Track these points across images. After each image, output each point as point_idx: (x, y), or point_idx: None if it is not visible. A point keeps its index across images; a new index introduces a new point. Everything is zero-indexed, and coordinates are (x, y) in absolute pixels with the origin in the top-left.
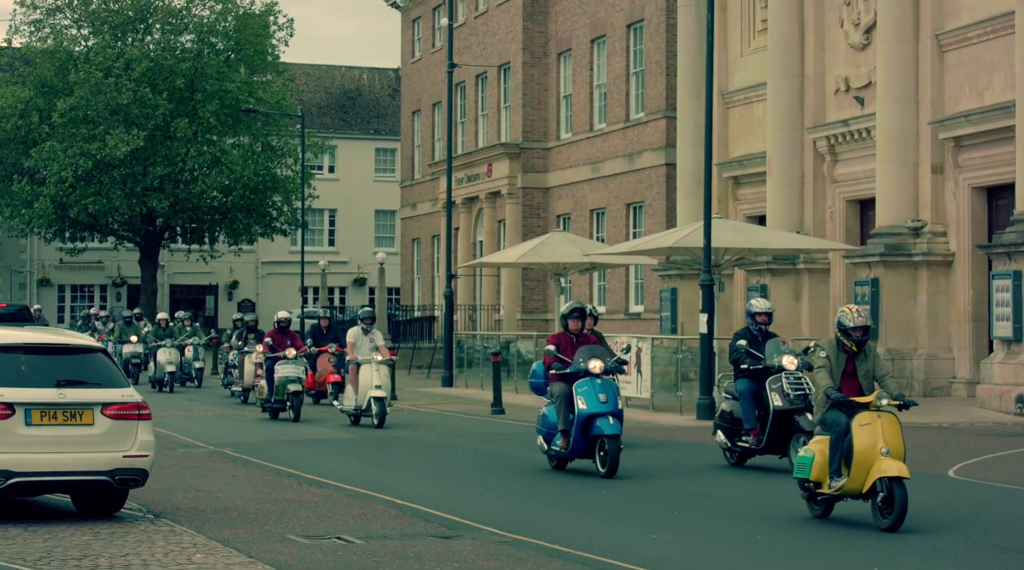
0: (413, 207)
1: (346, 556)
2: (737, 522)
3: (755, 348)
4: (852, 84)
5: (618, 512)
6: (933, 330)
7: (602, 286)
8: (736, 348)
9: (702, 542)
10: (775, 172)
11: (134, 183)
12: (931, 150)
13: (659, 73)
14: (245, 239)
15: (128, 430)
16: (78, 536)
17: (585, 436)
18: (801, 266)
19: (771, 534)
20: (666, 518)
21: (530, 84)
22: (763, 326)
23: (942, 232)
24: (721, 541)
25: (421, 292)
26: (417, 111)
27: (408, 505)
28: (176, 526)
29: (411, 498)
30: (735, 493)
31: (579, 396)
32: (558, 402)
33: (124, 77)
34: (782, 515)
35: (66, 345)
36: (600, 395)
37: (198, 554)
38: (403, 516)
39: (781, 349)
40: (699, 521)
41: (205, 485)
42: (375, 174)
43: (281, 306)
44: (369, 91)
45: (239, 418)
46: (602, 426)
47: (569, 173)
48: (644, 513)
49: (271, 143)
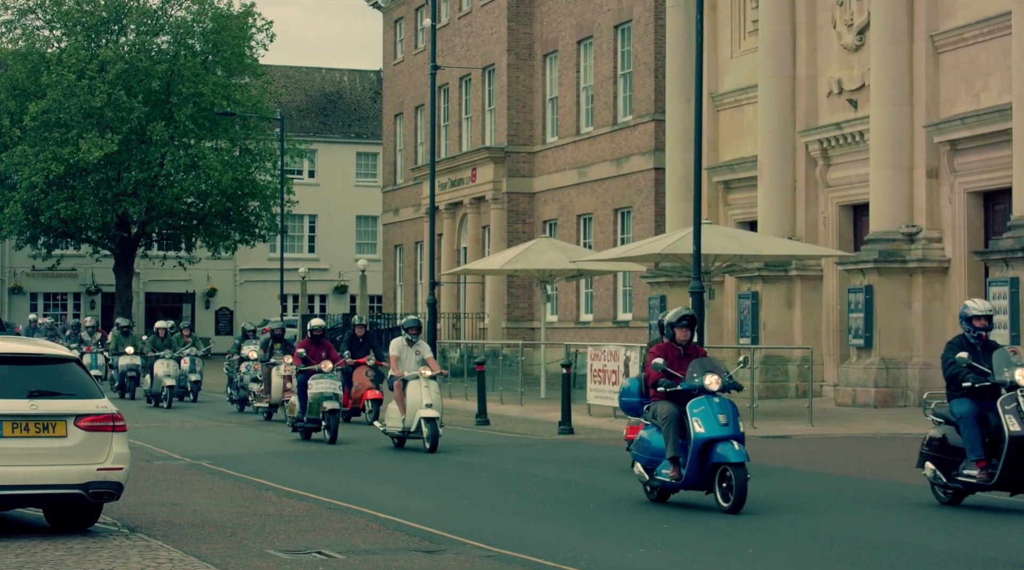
0: (395, 213)
1: None
2: (724, 537)
3: (976, 360)
4: (845, 86)
5: (609, 526)
6: (928, 338)
7: (589, 293)
8: (955, 361)
9: (692, 555)
10: (766, 176)
11: (108, 188)
12: (926, 154)
13: (647, 75)
14: (224, 246)
15: (102, 442)
16: (51, 551)
17: (703, 464)
18: (793, 273)
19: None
20: (655, 533)
21: (515, 86)
22: (983, 332)
23: (937, 238)
24: (715, 555)
25: (404, 300)
26: (399, 114)
27: (391, 519)
28: (152, 541)
29: (394, 512)
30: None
31: (695, 418)
32: (665, 424)
33: (98, 79)
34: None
35: (39, 355)
36: (720, 416)
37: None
38: (386, 530)
39: (1012, 361)
40: (691, 536)
41: (182, 499)
42: (356, 179)
43: (260, 314)
44: (350, 94)
45: (217, 429)
46: (725, 453)
47: (555, 177)
48: (634, 528)
49: (249, 147)
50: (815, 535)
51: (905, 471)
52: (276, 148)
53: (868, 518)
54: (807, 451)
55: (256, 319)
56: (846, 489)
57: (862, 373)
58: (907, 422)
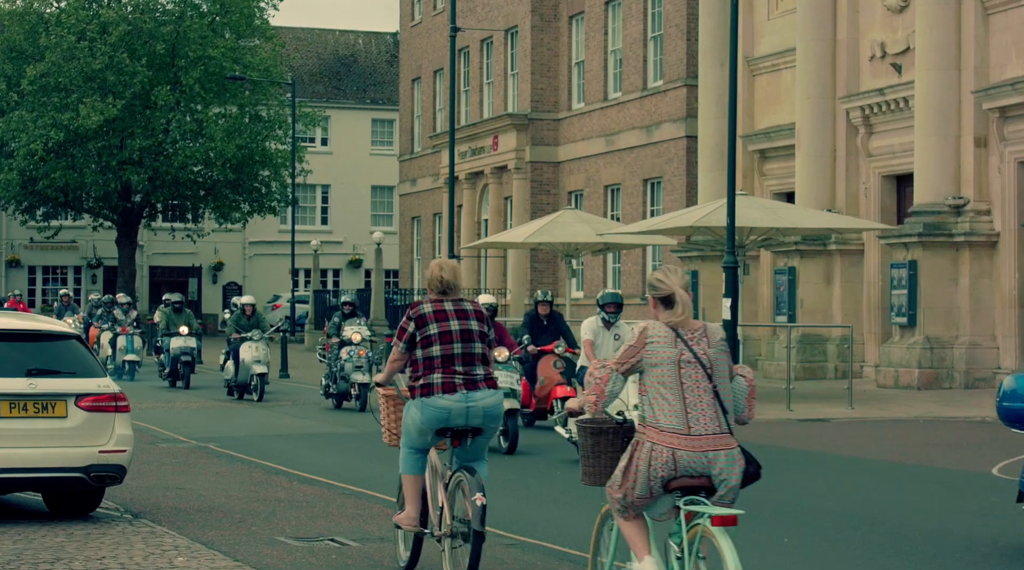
0: (412, 183)
1: (340, 559)
2: (764, 522)
3: None
4: (888, 50)
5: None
6: (976, 316)
7: (617, 269)
8: None
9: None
10: (805, 145)
11: (110, 156)
12: (974, 121)
13: (679, 38)
14: (234, 217)
15: (104, 423)
16: (50, 537)
17: None
18: (833, 247)
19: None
20: None
21: (539, 50)
22: None
23: (986, 210)
24: (748, 544)
25: (421, 275)
26: (417, 79)
27: None
28: (156, 527)
29: None
30: (759, 494)
31: None
32: None
33: (99, 41)
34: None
35: (37, 331)
36: None
37: (180, 557)
38: None
39: None
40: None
41: (188, 483)
42: (372, 147)
43: (270, 289)
44: (365, 57)
45: (224, 409)
46: None
47: (581, 146)
48: None
49: (259, 114)
50: (855, 524)
51: (951, 457)
52: (287, 114)
53: (907, 506)
54: (846, 435)
55: (266, 294)
56: (888, 474)
57: (905, 353)
58: (952, 405)
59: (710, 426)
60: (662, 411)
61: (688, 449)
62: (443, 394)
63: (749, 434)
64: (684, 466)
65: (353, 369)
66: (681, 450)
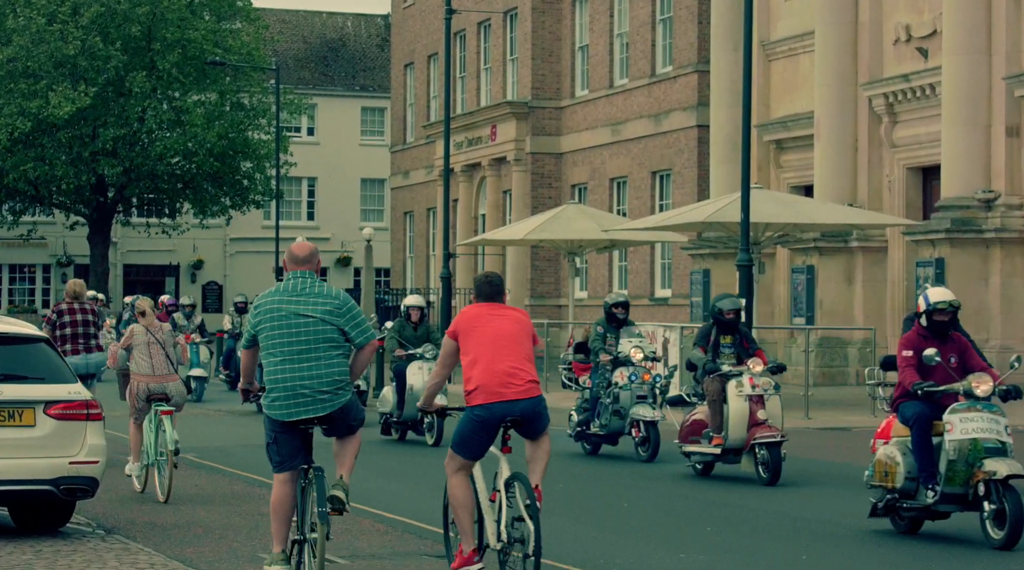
0: (405, 175)
1: None
2: (780, 538)
3: None
4: (914, 33)
5: (642, 528)
6: (1008, 318)
7: (623, 267)
8: None
9: (737, 562)
10: (824, 135)
11: (82, 147)
12: (1006, 109)
13: (690, 20)
14: (213, 212)
15: (75, 432)
16: (17, 554)
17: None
18: (854, 244)
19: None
20: (697, 535)
21: (540, 33)
22: None
23: (1018, 205)
24: (761, 560)
25: (414, 274)
26: (410, 64)
27: (400, 519)
28: (131, 543)
29: (403, 512)
30: (776, 507)
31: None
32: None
33: (71, 24)
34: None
35: (3, 334)
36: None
37: None
38: (394, 532)
39: None
40: (735, 538)
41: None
42: (361, 137)
43: (253, 289)
44: (355, 41)
45: (200, 417)
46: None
47: (585, 136)
48: (672, 529)
49: (242, 101)
50: (879, 542)
51: None
52: (271, 102)
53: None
54: (868, 445)
55: (249, 295)
56: None
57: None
58: None
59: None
60: None
61: None
62: None
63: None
64: None
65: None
66: None
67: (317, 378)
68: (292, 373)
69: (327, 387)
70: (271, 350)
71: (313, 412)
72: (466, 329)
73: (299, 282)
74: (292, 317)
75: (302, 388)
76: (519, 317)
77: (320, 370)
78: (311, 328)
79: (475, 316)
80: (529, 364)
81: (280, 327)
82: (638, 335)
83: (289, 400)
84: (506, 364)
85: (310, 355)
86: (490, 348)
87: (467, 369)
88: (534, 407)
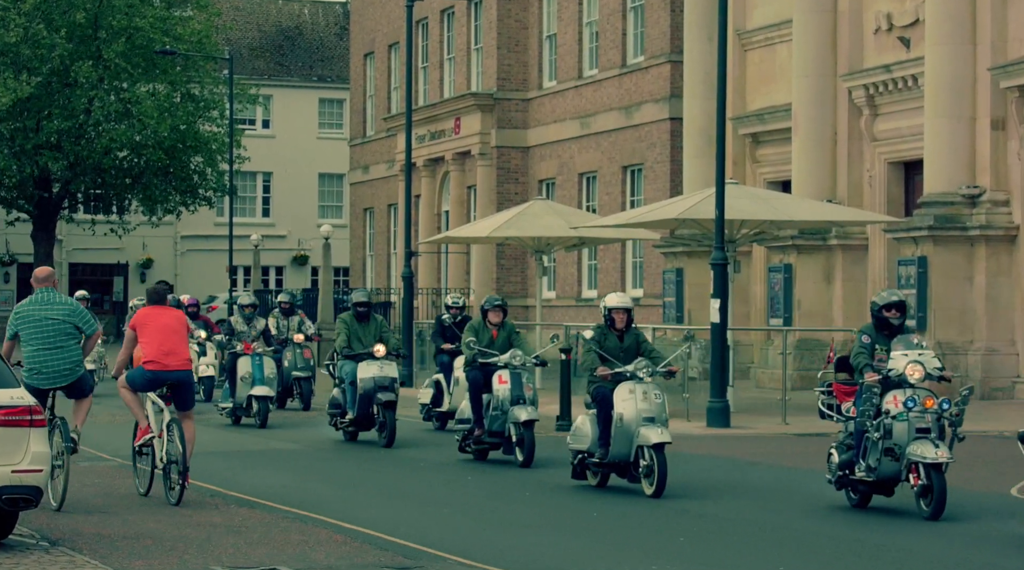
0: (365, 170)
1: None
2: (756, 549)
3: None
4: (895, 22)
5: (614, 537)
6: (993, 319)
7: (593, 265)
8: None
9: None
10: (802, 129)
11: (24, 139)
12: (991, 101)
13: (663, 8)
14: (163, 209)
15: (18, 439)
16: None
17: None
18: (833, 242)
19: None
20: (670, 545)
21: (506, 21)
22: None
23: (1004, 201)
24: None
25: (375, 273)
26: (370, 54)
27: (358, 530)
28: (76, 556)
29: (362, 521)
30: (756, 516)
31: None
32: None
33: (12, 11)
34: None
35: None
36: None
37: None
38: (352, 543)
39: None
40: (710, 549)
41: (112, 506)
42: (319, 130)
43: (205, 289)
44: (312, 29)
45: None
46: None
47: (553, 129)
48: (645, 539)
49: (192, 92)
50: (859, 551)
51: (964, 476)
52: (224, 93)
53: (918, 532)
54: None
55: (201, 295)
56: (896, 496)
57: None
58: (966, 418)
59: None
60: None
61: None
62: None
63: (741, 451)
64: None
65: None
66: None
67: (61, 360)
68: (45, 357)
69: (68, 366)
70: (29, 341)
71: (60, 383)
72: None
73: (45, 295)
74: (43, 320)
75: (52, 368)
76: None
77: (63, 355)
78: (56, 327)
79: None
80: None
81: (35, 326)
82: (917, 345)
83: (43, 376)
84: None
85: (56, 345)
86: None
87: None
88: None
